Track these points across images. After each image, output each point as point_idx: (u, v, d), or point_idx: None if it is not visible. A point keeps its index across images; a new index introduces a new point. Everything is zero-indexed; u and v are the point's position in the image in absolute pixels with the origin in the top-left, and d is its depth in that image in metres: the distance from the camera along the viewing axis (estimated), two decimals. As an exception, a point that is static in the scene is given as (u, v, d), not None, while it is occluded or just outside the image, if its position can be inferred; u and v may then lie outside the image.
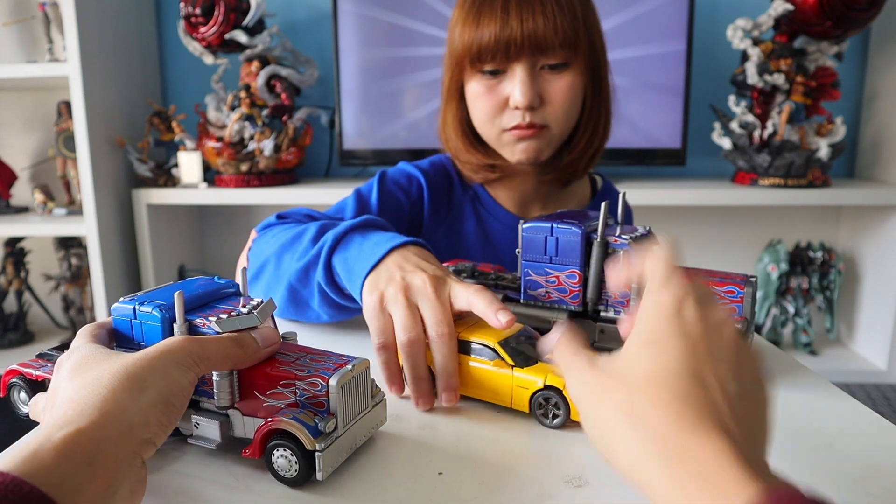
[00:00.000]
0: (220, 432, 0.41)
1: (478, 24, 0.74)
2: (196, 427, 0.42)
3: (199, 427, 0.41)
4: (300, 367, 0.40)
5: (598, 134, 0.84)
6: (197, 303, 0.42)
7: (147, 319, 0.41)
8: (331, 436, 0.38)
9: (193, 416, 0.42)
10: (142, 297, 0.42)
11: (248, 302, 0.44)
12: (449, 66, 0.82)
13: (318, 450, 0.37)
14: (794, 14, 1.63)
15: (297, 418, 0.38)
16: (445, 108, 0.85)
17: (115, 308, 0.42)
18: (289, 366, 0.40)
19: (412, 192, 0.87)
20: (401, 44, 1.77)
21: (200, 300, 0.43)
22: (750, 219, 1.99)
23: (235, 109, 1.77)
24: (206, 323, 0.40)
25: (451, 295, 0.52)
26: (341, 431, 0.39)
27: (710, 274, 0.56)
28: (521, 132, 0.78)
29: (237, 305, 0.43)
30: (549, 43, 0.73)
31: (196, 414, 0.42)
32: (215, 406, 0.41)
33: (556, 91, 0.77)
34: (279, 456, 0.38)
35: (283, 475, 0.38)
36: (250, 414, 0.40)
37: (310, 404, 0.39)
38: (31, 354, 1.84)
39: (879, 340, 1.81)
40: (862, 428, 0.46)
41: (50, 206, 1.90)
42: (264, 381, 0.40)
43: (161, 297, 0.42)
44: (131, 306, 0.41)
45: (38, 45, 1.95)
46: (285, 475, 0.38)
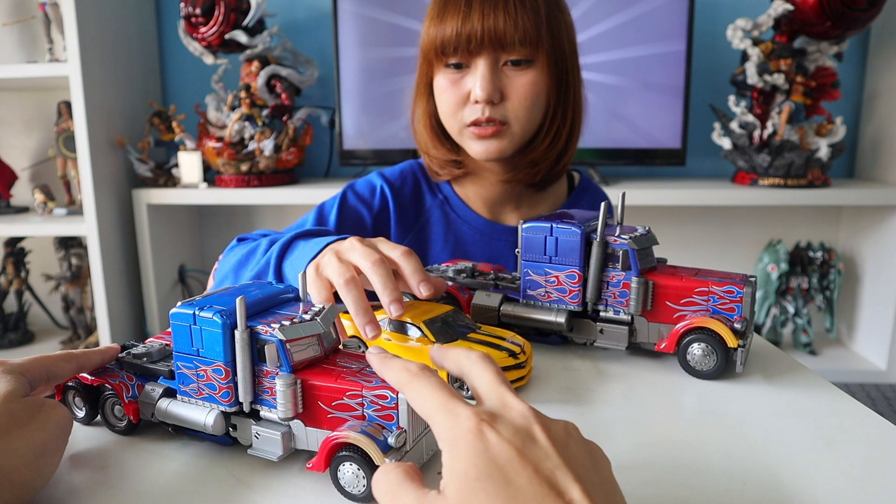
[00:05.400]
0: (282, 444, 0.39)
1: (442, 18, 0.77)
2: (256, 438, 0.40)
3: (260, 438, 0.40)
4: (367, 378, 0.38)
5: (563, 134, 0.83)
6: (257, 308, 0.41)
7: (208, 325, 0.39)
8: (400, 451, 0.36)
9: (253, 426, 0.40)
10: (201, 301, 0.41)
11: (309, 308, 0.42)
12: (420, 62, 0.84)
13: None
14: (793, 14, 1.63)
15: (365, 432, 0.36)
16: (416, 102, 0.88)
17: (174, 314, 0.40)
18: (355, 376, 0.38)
19: (375, 205, 0.89)
20: (401, 44, 1.77)
21: (260, 305, 0.41)
22: (750, 219, 1.99)
23: (235, 109, 1.78)
24: (269, 330, 0.38)
25: (378, 246, 0.57)
26: (410, 446, 0.37)
27: (710, 274, 0.56)
28: (480, 130, 0.79)
29: (299, 311, 0.41)
30: (510, 39, 0.75)
31: (256, 424, 0.40)
32: (277, 416, 0.39)
33: (518, 87, 0.78)
34: (346, 471, 0.36)
35: (349, 490, 0.36)
36: (314, 425, 0.39)
37: (378, 417, 0.37)
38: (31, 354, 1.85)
39: (879, 340, 1.81)
40: (862, 428, 0.46)
41: (50, 206, 1.90)
42: (329, 392, 0.38)
43: (221, 301, 0.41)
44: (191, 311, 0.40)
45: (38, 45, 1.95)
46: (352, 491, 0.36)
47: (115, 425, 0.45)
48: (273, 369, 0.39)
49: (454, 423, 0.30)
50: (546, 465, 0.28)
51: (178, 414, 0.41)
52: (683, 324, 0.55)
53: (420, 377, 0.33)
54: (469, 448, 0.29)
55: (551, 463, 0.28)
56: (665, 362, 0.58)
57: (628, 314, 0.58)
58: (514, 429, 0.30)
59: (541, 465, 0.28)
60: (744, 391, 0.52)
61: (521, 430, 0.30)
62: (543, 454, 0.29)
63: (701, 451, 0.42)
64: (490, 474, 0.27)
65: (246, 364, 0.39)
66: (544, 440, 0.29)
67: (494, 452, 0.28)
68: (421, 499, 0.29)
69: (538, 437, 0.29)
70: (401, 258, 0.56)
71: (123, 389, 0.44)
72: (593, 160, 1.81)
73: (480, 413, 0.30)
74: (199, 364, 0.40)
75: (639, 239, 0.57)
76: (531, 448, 0.29)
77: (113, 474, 0.40)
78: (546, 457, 0.28)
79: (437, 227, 0.90)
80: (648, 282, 0.56)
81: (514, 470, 0.28)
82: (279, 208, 2.07)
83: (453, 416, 0.30)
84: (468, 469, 0.28)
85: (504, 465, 0.28)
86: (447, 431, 0.30)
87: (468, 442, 0.29)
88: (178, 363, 0.41)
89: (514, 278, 0.64)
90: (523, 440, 0.29)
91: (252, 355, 0.39)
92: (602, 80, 1.75)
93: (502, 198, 0.90)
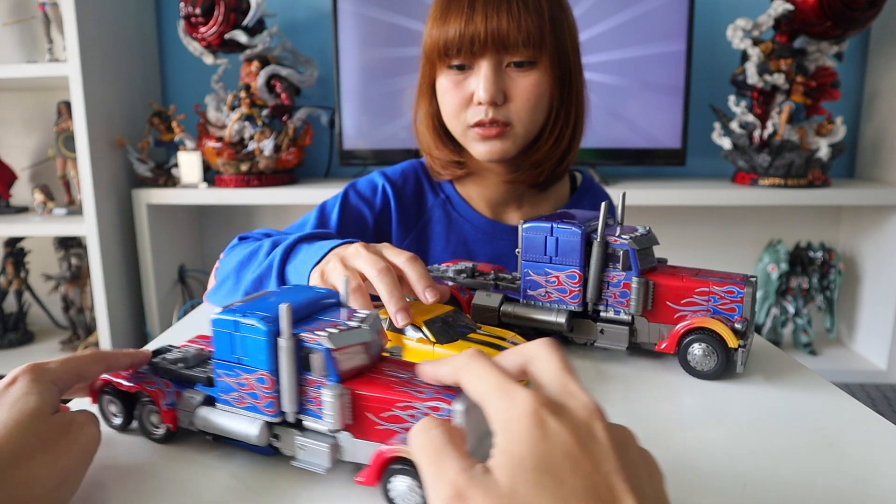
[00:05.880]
0: (329, 456, 0.37)
1: (445, 20, 0.77)
2: (301, 449, 0.38)
3: (305, 450, 0.38)
4: (419, 389, 0.36)
5: (566, 135, 0.83)
6: (299, 314, 0.39)
7: (251, 333, 0.37)
8: None
9: (298, 437, 0.38)
10: (242, 307, 0.39)
11: (353, 314, 0.41)
12: (422, 63, 0.84)
13: None
14: (794, 14, 1.63)
15: None
16: (418, 103, 0.87)
17: (215, 320, 0.39)
18: (406, 386, 0.36)
19: (377, 204, 0.89)
20: (401, 44, 1.77)
21: (302, 311, 0.40)
22: (750, 219, 1.99)
23: (235, 109, 1.77)
24: (315, 338, 0.37)
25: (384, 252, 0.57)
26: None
27: (710, 274, 0.56)
28: (484, 131, 0.79)
29: (343, 317, 0.40)
30: (513, 40, 0.75)
31: (301, 435, 0.38)
32: (324, 428, 0.37)
33: (521, 89, 0.78)
34: (399, 484, 0.35)
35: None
36: (362, 437, 0.37)
37: None
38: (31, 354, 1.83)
39: (879, 340, 1.81)
40: (862, 428, 0.46)
41: (50, 206, 1.90)
42: (379, 403, 0.36)
43: (263, 307, 0.39)
44: (233, 318, 0.38)
45: (38, 45, 1.95)
46: None
47: (152, 433, 0.44)
48: (319, 378, 0.37)
49: (510, 404, 0.28)
50: (604, 467, 0.26)
51: (220, 424, 0.40)
52: (684, 324, 0.55)
53: (475, 359, 0.31)
54: (526, 433, 0.27)
55: (609, 466, 0.26)
56: (665, 362, 0.58)
57: (629, 314, 0.58)
58: (576, 420, 0.28)
59: (599, 465, 0.26)
60: (744, 391, 0.52)
61: (582, 424, 0.28)
62: (603, 454, 0.27)
63: (701, 452, 0.42)
64: (546, 467, 0.26)
65: (291, 373, 0.37)
66: (605, 439, 0.27)
67: (553, 443, 0.27)
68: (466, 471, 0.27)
69: (599, 435, 0.27)
70: (406, 264, 0.56)
71: (161, 396, 0.42)
72: (593, 160, 1.80)
73: (539, 397, 0.28)
74: (241, 372, 0.39)
75: (639, 239, 0.57)
76: (591, 445, 0.27)
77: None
78: (605, 458, 0.27)
79: (438, 226, 0.90)
80: (649, 282, 0.56)
81: (572, 467, 0.26)
82: (279, 208, 2.07)
83: (509, 398, 0.28)
84: (524, 456, 0.26)
85: (561, 460, 0.26)
86: (502, 412, 0.28)
87: (525, 426, 0.27)
88: (218, 371, 0.40)
89: (514, 278, 0.64)
90: (584, 435, 0.27)
91: (297, 364, 0.37)
92: (602, 80, 1.75)
93: (504, 198, 0.90)
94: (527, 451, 0.26)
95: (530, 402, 0.28)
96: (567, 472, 0.26)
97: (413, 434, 0.30)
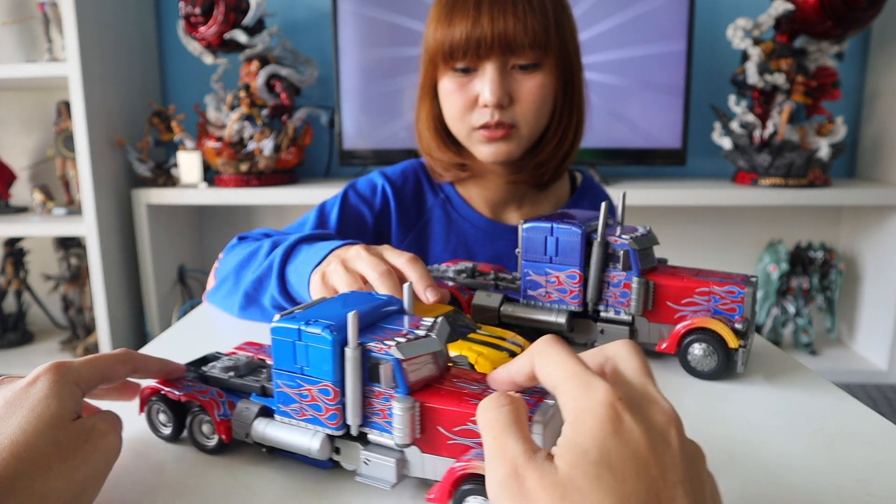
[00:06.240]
0: (396, 472, 0.36)
1: (450, 21, 0.76)
2: (366, 464, 0.37)
3: (370, 464, 0.37)
4: None
5: (569, 135, 0.84)
6: (363, 322, 0.37)
7: (315, 342, 0.36)
8: None
9: (362, 451, 0.37)
10: (303, 314, 0.38)
11: (419, 322, 0.39)
12: (424, 64, 0.83)
13: None
14: (794, 14, 1.63)
15: None
16: (420, 104, 0.87)
17: (276, 328, 0.37)
18: (478, 398, 0.34)
19: (376, 204, 0.89)
20: (401, 44, 1.77)
21: (365, 319, 0.38)
22: (750, 219, 1.99)
23: (235, 109, 1.77)
24: (384, 348, 0.35)
25: (384, 254, 0.57)
26: None
27: (711, 274, 0.56)
28: (490, 133, 0.78)
29: (408, 325, 0.38)
30: (520, 43, 0.74)
31: (365, 449, 0.37)
32: (391, 442, 0.36)
33: (526, 91, 0.77)
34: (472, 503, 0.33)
35: None
36: (432, 452, 0.35)
37: None
38: (31, 354, 1.83)
39: (880, 340, 1.81)
40: (862, 428, 0.46)
41: (49, 205, 1.90)
42: (451, 416, 0.34)
43: (325, 314, 0.37)
44: (296, 326, 0.36)
45: (37, 44, 1.94)
46: None
47: (203, 444, 0.42)
48: (387, 390, 0.35)
49: (585, 392, 0.27)
50: (671, 476, 0.25)
51: (278, 437, 0.39)
52: (684, 324, 0.54)
53: (552, 345, 0.30)
54: (597, 425, 0.26)
55: (676, 476, 0.25)
56: (666, 363, 0.58)
57: (629, 314, 0.57)
58: (651, 422, 0.26)
59: (667, 474, 0.25)
60: (745, 391, 0.52)
61: (657, 427, 0.26)
62: (672, 463, 0.26)
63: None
64: (611, 463, 0.25)
65: (357, 384, 0.36)
66: (677, 448, 0.26)
67: (624, 439, 0.25)
68: (527, 455, 0.26)
69: (672, 443, 0.26)
70: (406, 265, 0.56)
71: (214, 406, 0.41)
72: (593, 160, 1.80)
73: (618, 392, 0.27)
74: (303, 383, 0.37)
75: (639, 239, 0.57)
76: (662, 451, 0.26)
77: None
78: (674, 468, 0.25)
79: (438, 226, 0.90)
80: (649, 282, 0.56)
81: (638, 467, 0.25)
82: (279, 208, 2.07)
83: (585, 386, 0.27)
84: (590, 448, 0.25)
85: (628, 458, 0.25)
86: (575, 401, 0.27)
87: (599, 417, 0.26)
88: (278, 381, 0.38)
89: (514, 278, 0.64)
90: (658, 440, 0.26)
91: (363, 375, 0.36)
92: (602, 80, 1.75)
93: (505, 198, 0.90)
94: (593, 443, 0.25)
95: (608, 394, 0.27)
96: (631, 474, 0.25)
97: (482, 408, 0.29)
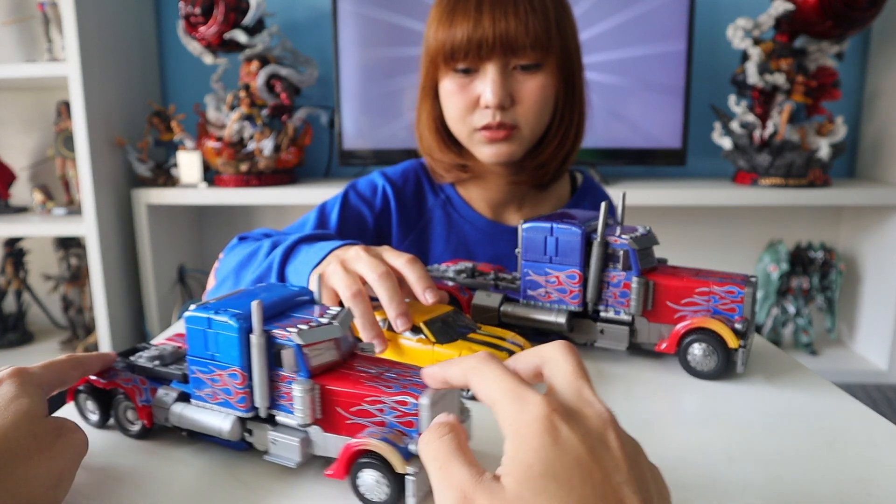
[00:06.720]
0: (300, 450, 0.38)
1: (451, 22, 0.75)
2: (273, 444, 0.39)
3: (277, 444, 0.39)
4: (387, 383, 0.37)
5: (570, 136, 0.84)
6: (272, 311, 0.40)
7: (223, 329, 0.38)
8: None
9: (270, 432, 0.39)
10: (215, 304, 0.40)
11: (325, 311, 0.41)
12: (424, 64, 0.83)
13: (409, 473, 0.34)
14: (794, 14, 1.63)
15: (386, 439, 0.35)
16: (420, 105, 0.86)
17: (188, 317, 0.40)
18: (374, 381, 0.37)
19: (377, 204, 0.89)
20: (401, 44, 1.77)
21: (275, 308, 0.40)
22: (750, 219, 1.99)
23: (235, 109, 1.77)
24: (286, 334, 0.37)
25: (384, 255, 0.57)
26: None
27: (710, 274, 0.56)
28: (491, 134, 0.78)
29: (314, 314, 0.40)
30: (521, 43, 0.74)
31: (273, 430, 0.39)
32: (295, 422, 0.38)
33: (528, 91, 0.77)
34: (367, 478, 0.35)
35: (369, 498, 0.36)
36: (332, 431, 0.38)
37: (398, 423, 0.36)
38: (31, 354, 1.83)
39: (880, 341, 1.81)
40: (862, 428, 0.46)
41: (49, 205, 1.90)
42: (348, 398, 0.37)
43: (236, 304, 0.40)
44: (206, 315, 0.39)
45: (37, 44, 1.94)
46: (372, 498, 0.35)
47: (128, 429, 0.44)
48: (290, 374, 0.38)
49: (521, 408, 0.28)
50: (615, 477, 0.26)
51: (193, 419, 0.41)
52: (684, 324, 0.54)
53: (487, 362, 0.31)
54: (536, 438, 0.26)
55: (620, 477, 0.26)
56: (666, 363, 0.58)
57: (629, 314, 0.57)
58: (588, 428, 0.27)
59: (610, 476, 0.26)
60: (744, 392, 0.52)
61: (594, 432, 0.27)
62: (614, 465, 0.26)
63: (701, 452, 0.42)
64: (555, 474, 0.25)
65: (262, 369, 0.38)
66: (617, 449, 0.27)
67: (564, 449, 0.26)
68: (474, 479, 0.27)
69: (611, 445, 0.27)
70: (405, 266, 0.56)
71: (136, 393, 0.43)
72: (594, 160, 1.80)
73: (552, 402, 0.28)
74: (214, 368, 0.39)
75: (639, 239, 0.57)
76: (603, 454, 0.26)
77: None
78: (616, 468, 0.26)
79: (439, 227, 0.90)
80: (649, 282, 0.56)
81: (582, 474, 0.25)
82: (279, 208, 2.07)
83: (521, 402, 0.28)
84: (533, 462, 0.26)
85: (571, 467, 0.25)
86: (513, 417, 0.28)
87: (535, 431, 0.26)
88: (192, 367, 0.40)
89: (514, 278, 0.64)
90: (596, 444, 0.27)
91: (269, 360, 0.38)
92: (602, 80, 1.75)
93: (506, 198, 0.90)
94: (536, 457, 0.26)
95: (542, 407, 0.27)
96: (577, 481, 0.25)
97: (423, 441, 0.30)
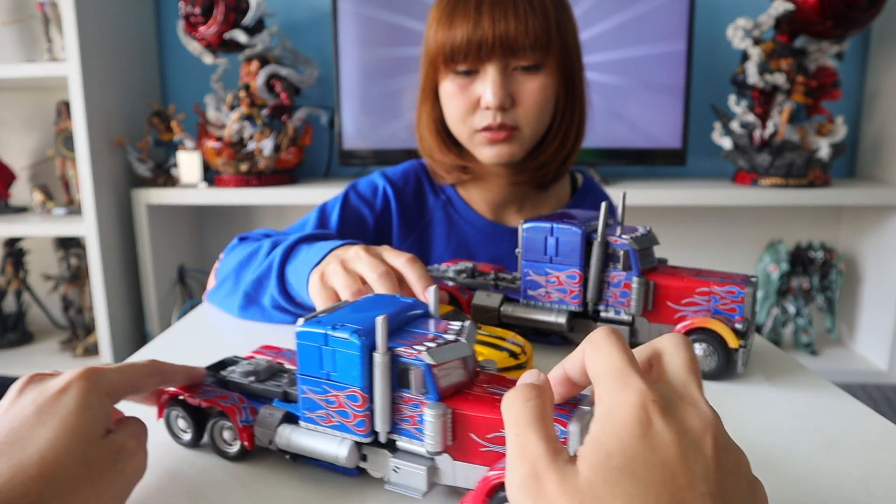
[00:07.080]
0: (426, 480, 0.35)
1: (451, 24, 0.75)
2: (395, 472, 0.36)
3: (400, 472, 0.35)
4: None
5: (571, 136, 0.84)
6: (390, 326, 0.36)
7: (342, 346, 0.35)
8: None
9: (391, 459, 0.36)
10: (328, 318, 0.36)
11: (448, 326, 0.38)
12: (424, 66, 0.83)
13: None
14: (794, 14, 1.63)
15: None
16: (421, 107, 0.86)
17: (299, 332, 0.36)
18: None
19: (377, 205, 0.89)
20: (401, 44, 1.77)
21: (392, 323, 0.36)
22: (750, 219, 1.99)
23: (235, 109, 1.77)
24: (413, 352, 0.34)
25: (384, 255, 0.57)
26: None
27: (711, 274, 0.56)
28: (492, 135, 0.78)
29: (436, 330, 0.37)
30: (521, 44, 0.74)
31: (394, 457, 0.36)
32: (421, 449, 0.35)
33: (528, 92, 0.77)
34: None
35: None
36: (464, 459, 0.34)
37: None
38: (30, 355, 1.83)
39: (880, 341, 1.80)
40: (862, 428, 0.46)
41: (49, 205, 1.90)
42: (484, 423, 0.33)
43: (351, 318, 0.36)
44: (322, 330, 0.35)
45: (37, 44, 1.94)
46: None
47: (224, 451, 0.41)
48: (418, 397, 0.34)
49: (619, 389, 0.26)
50: (700, 487, 0.23)
51: (304, 443, 0.37)
52: (684, 324, 0.54)
53: (606, 337, 0.28)
54: (625, 426, 0.24)
55: (706, 488, 0.23)
56: (666, 362, 0.58)
57: (629, 314, 0.57)
58: (685, 428, 0.25)
59: (695, 485, 0.23)
60: (745, 392, 0.52)
61: (691, 433, 0.25)
62: (703, 473, 0.24)
63: (702, 452, 0.42)
64: (635, 470, 0.23)
65: (386, 390, 0.34)
66: (711, 457, 0.24)
67: (651, 445, 0.24)
68: (549, 456, 0.25)
69: (706, 451, 0.25)
70: (405, 266, 0.56)
71: (236, 412, 0.40)
72: (594, 160, 1.80)
73: (653, 392, 0.25)
74: (329, 389, 0.36)
75: (640, 239, 0.57)
76: (694, 459, 0.24)
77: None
78: (704, 477, 0.24)
79: (439, 227, 0.90)
80: (649, 282, 0.56)
81: (665, 477, 0.23)
82: (279, 208, 2.07)
83: (621, 382, 0.26)
84: (615, 451, 0.24)
85: (654, 466, 0.23)
86: (608, 396, 0.26)
87: (626, 418, 0.24)
88: (303, 386, 0.37)
89: (514, 278, 0.64)
90: (690, 446, 0.24)
91: (392, 380, 0.35)
92: (602, 80, 1.75)
93: (506, 199, 0.90)
94: (619, 447, 0.24)
95: (640, 394, 0.25)
96: (656, 482, 0.23)
97: (507, 400, 0.28)
